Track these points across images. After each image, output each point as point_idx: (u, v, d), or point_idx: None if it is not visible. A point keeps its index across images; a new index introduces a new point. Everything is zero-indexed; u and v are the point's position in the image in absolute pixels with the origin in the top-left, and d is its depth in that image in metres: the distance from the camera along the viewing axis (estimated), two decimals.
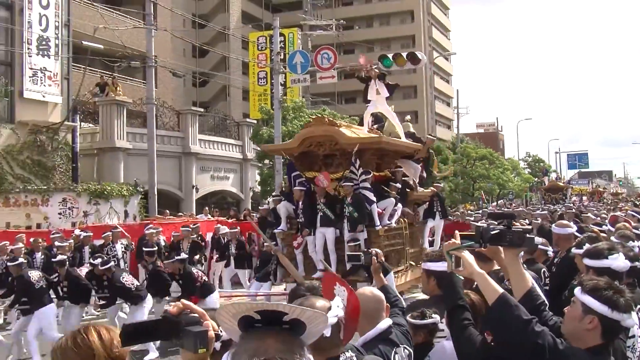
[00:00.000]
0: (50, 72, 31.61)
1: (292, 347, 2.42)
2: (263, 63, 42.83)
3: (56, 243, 18.93)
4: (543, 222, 18.93)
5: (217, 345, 2.92)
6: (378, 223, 16.37)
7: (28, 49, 30.55)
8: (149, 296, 14.39)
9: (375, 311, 4.48)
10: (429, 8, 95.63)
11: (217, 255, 22.07)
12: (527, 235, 4.29)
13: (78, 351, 3.02)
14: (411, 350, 4.63)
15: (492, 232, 4.26)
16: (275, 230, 17.81)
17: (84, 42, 30.56)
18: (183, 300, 2.54)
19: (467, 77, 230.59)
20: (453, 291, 4.45)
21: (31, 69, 30.67)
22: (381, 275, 6.12)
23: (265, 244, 18.95)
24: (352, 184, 16.16)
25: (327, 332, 3.06)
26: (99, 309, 16.65)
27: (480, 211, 39.94)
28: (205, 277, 15.77)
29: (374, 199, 16.41)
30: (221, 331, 2.56)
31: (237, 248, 21.26)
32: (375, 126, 19.47)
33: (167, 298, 15.36)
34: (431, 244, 20.57)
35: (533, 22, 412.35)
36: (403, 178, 18.78)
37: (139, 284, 15.00)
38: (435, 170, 24.07)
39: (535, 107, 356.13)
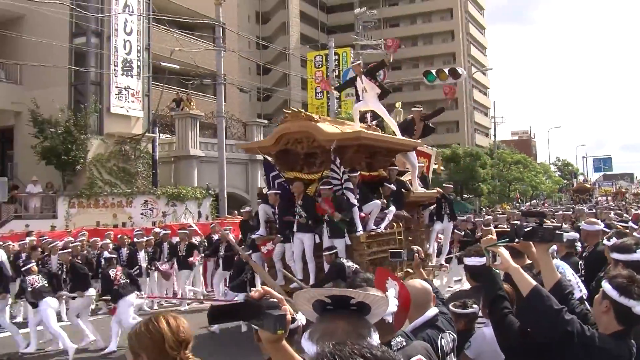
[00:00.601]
0: (133, 90, 32.17)
1: (359, 328, 2.50)
2: (319, 79, 42.94)
3: (134, 240, 19.41)
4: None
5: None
6: (360, 228, 13.47)
7: (114, 70, 31.18)
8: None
9: (425, 301, 4.49)
10: (467, 28, 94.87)
11: (203, 255, 19.76)
12: (557, 231, 4.26)
13: (150, 336, 3.21)
14: (455, 336, 4.61)
15: (526, 229, 4.22)
16: (253, 236, 15.10)
17: (162, 63, 31.08)
18: (264, 287, 2.57)
19: (503, 90, 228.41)
20: (493, 283, 4.44)
21: (117, 87, 31.25)
22: (421, 270, 6.06)
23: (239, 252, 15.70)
24: (330, 186, 13.31)
25: (390, 318, 3.34)
26: None
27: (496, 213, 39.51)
28: (123, 280, 13.35)
29: (356, 201, 13.52)
30: (296, 315, 2.66)
31: (227, 249, 18.17)
32: (373, 122, 17.15)
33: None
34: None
35: (561, 37, 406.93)
36: (399, 178, 15.90)
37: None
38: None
39: (564, 115, 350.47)
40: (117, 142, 31.22)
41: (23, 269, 14.08)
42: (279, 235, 14.01)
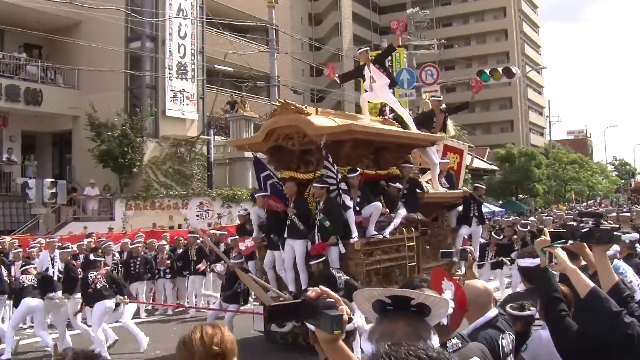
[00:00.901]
0: (188, 92, 32.31)
1: (419, 330, 2.46)
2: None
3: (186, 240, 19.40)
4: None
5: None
6: (355, 234, 11.83)
7: (169, 73, 31.36)
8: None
9: (486, 301, 4.45)
10: (521, 27, 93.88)
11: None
12: (615, 232, 4.14)
13: (185, 348, 3.15)
14: (514, 337, 4.54)
15: (582, 230, 4.11)
16: (246, 241, 14.27)
17: (216, 66, 31.05)
18: (321, 287, 2.54)
19: (558, 89, 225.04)
20: (548, 285, 4.31)
21: (172, 90, 31.43)
22: (474, 270, 6.07)
23: (222, 261, 14.98)
24: (322, 185, 11.89)
25: (445, 321, 3.18)
26: None
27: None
28: (100, 284, 12.84)
29: (351, 203, 11.94)
30: (352, 316, 2.62)
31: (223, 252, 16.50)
32: (391, 115, 15.14)
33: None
34: None
35: (617, 34, 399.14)
36: (412, 177, 14.26)
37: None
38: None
39: (621, 114, 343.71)
40: (173, 145, 31.38)
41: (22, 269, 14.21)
42: (259, 235, 13.06)
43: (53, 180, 27.38)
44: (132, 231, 23.69)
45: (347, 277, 11.21)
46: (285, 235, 12.27)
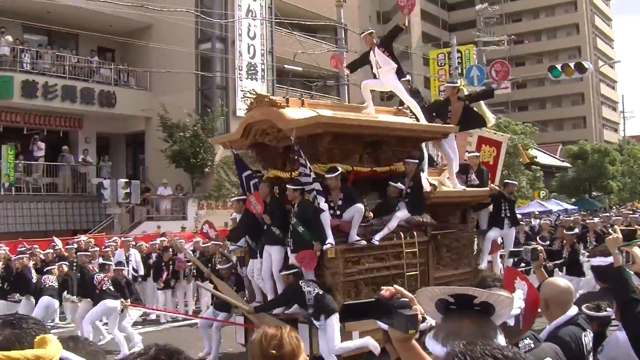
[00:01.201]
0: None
1: (484, 329, 2.41)
2: (443, 77, 42.27)
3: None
4: None
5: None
6: (330, 240, 10.13)
7: (239, 74, 31.54)
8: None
9: (566, 300, 4.40)
10: (592, 20, 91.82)
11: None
12: None
13: (250, 348, 3.15)
14: (592, 335, 4.47)
15: None
16: (231, 247, 13.46)
17: (285, 66, 31.07)
18: (395, 286, 2.52)
19: (632, 83, 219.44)
20: (624, 285, 4.21)
21: (242, 91, 31.41)
22: (543, 270, 5.92)
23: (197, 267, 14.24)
24: (295, 187, 10.57)
25: (511, 321, 3.12)
26: None
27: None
28: (105, 286, 13.29)
29: (325, 206, 10.28)
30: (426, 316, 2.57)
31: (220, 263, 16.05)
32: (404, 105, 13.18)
33: None
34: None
35: None
36: (415, 174, 11.75)
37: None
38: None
39: None
40: None
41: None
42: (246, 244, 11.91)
43: (127, 180, 27.82)
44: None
45: (321, 292, 9.98)
46: (264, 242, 11.21)
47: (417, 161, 11.86)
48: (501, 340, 2.43)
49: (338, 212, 10.64)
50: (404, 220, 11.35)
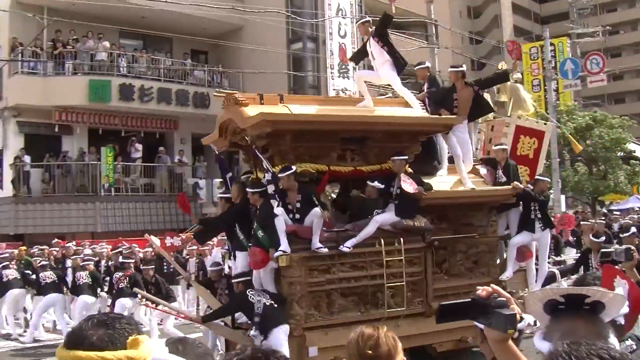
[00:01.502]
0: (350, 91, 32.22)
1: (599, 329, 2.38)
2: (536, 71, 41.33)
3: None
4: None
5: None
6: (283, 247, 9.03)
7: (331, 73, 31.48)
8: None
9: None
10: None
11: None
12: None
13: (347, 346, 3.12)
14: None
15: None
16: (221, 250, 12.69)
17: None
18: (492, 285, 2.48)
19: None
20: None
21: (334, 89, 31.45)
22: (635, 271, 5.58)
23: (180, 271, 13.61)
24: (254, 190, 9.78)
25: (622, 320, 3.02)
26: None
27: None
28: (122, 285, 14.00)
29: (279, 210, 9.30)
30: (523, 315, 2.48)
31: (199, 268, 16.91)
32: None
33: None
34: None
35: None
36: (412, 172, 10.44)
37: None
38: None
39: None
40: None
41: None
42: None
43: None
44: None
45: (272, 302, 9.16)
46: (233, 246, 10.55)
47: (406, 158, 10.45)
48: (614, 339, 2.41)
49: (298, 216, 9.57)
50: (388, 224, 10.15)
